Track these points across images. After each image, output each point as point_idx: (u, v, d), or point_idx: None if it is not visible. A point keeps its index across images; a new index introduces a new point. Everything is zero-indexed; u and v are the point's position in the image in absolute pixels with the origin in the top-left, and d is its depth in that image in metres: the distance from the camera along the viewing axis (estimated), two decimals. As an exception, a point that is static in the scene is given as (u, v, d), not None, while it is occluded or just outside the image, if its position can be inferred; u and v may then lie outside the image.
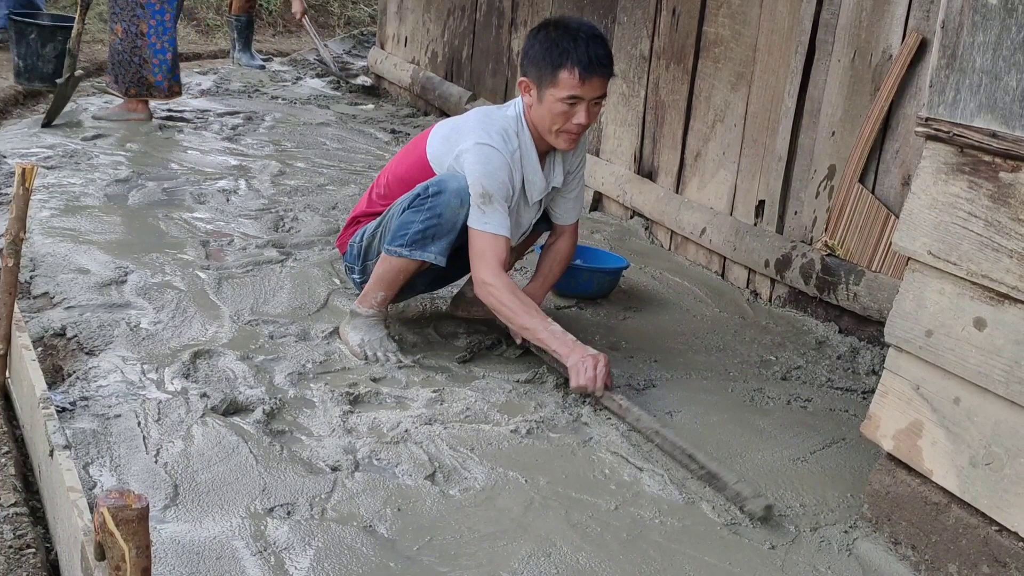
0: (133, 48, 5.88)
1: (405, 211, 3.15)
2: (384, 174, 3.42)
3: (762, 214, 4.13)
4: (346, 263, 3.48)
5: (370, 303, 3.28)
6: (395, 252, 3.16)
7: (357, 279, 3.42)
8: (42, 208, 4.31)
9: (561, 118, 3.12)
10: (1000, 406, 2.16)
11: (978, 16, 2.16)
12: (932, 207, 2.29)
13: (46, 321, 3.25)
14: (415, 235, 3.12)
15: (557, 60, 3.07)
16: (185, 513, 2.32)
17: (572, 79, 3.06)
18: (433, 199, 3.10)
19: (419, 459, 2.62)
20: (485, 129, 3.15)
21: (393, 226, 3.18)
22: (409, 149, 3.40)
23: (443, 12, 7.01)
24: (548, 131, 3.16)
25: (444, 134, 3.27)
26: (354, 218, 3.45)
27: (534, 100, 3.15)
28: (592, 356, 2.97)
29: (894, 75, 3.46)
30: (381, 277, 3.24)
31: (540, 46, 3.11)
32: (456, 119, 3.35)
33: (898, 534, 2.41)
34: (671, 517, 2.47)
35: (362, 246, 3.34)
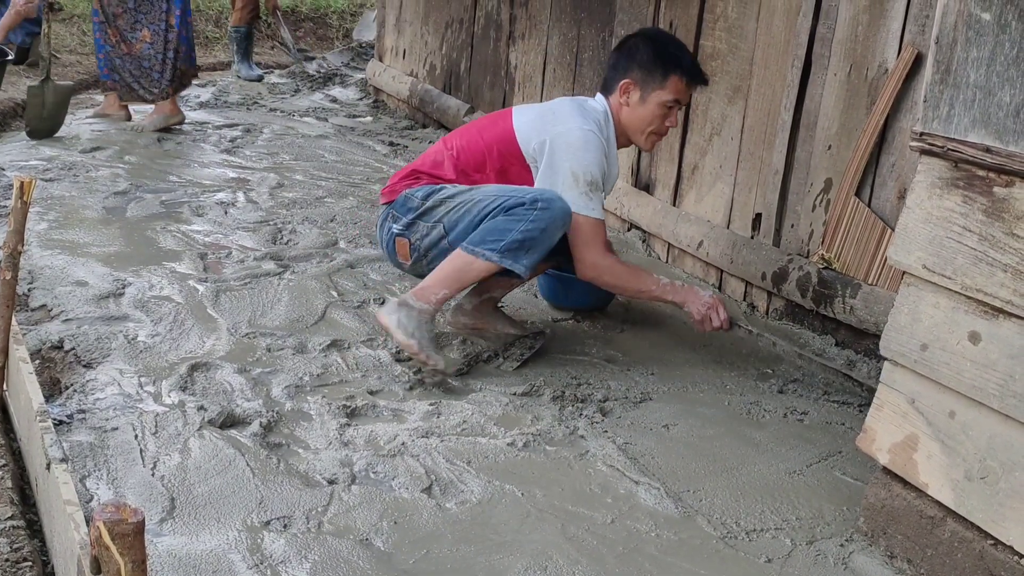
0: (166, 44, 5.99)
1: (500, 215, 3.12)
2: (455, 142, 3.38)
3: (759, 227, 4.13)
4: (391, 210, 3.35)
5: (428, 298, 3.19)
6: (483, 255, 3.13)
7: (395, 229, 3.33)
8: (40, 220, 4.32)
9: (659, 120, 3.38)
10: (995, 420, 2.16)
11: (972, 32, 2.18)
12: (927, 221, 2.30)
13: (44, 333, 3.26)
14: (512, 243, 3.11)
15: (668, 65, 3.32)
16: (181, 526, 2.32)
17: (680, 84, 3.35)
18: (540, 212, 3.10)
19: (416, 472, 2.63)
20: (583, 116, 3.28)
21: (484, 227, 3.14)
22: (486, 124, 3.41)
23: (441, 25, 7.03)
24: (640, 131, 3.38)
25: (536, 113, 3.33)
26: (413, 171, 3.39)
27: (634, 101, 3.34)
28: (707, 303, 3.29)
29: (890, 89, 3.47)
30: (450, 275, 3.17)
31: (650, 51, 3.34)
32: (544, 104, 3.42)
33: (894, 547, 2.41)
34: (667, 530, 2.47)
35: (424, 205, 3.27)
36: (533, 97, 5.84)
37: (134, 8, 5.98)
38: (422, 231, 3.28)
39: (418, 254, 3.33)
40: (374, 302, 3.76)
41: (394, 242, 3.36)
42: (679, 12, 4.55)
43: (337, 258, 4.19)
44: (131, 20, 5.99)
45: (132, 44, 6.03)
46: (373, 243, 4.44)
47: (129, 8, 5.98)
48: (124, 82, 6.15)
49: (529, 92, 5.90)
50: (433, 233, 3.27)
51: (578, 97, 3.51)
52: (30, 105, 5.83)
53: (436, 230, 3.26)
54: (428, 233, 3.27)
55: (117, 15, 5.99)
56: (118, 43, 6.03)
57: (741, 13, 4.19)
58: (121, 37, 6.02)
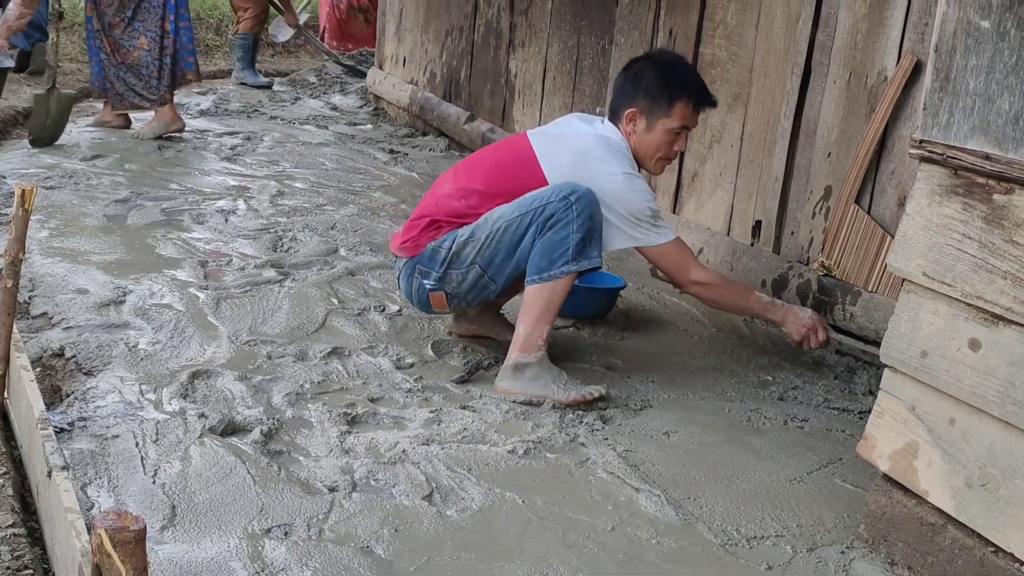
0: (162, 51, 6.04)
1: (544, 231, 3.11)
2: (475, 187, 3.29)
3: (759, 234, 4.14)
4: (418, 264, 3.30)
5: (536, 345, 3.17)
6: (560, 273, 3.13)
7: (428, 285, 3.29)
8: (41, 228, 4.32)
9: (667, 146, 3.36)
10: (995, 427, 2.16)
11: (971, 40, 2.18)
12: (926, 228, 2.30)
13: (45, 341, 3.26)
14: (577, 246, 3.12)
15: (674, 92, 3.30)
16: (182, 534, 2.32)
17: (687, 110, 3.33)
18: (577, 204, 3.10)
19: (416, 479, 2.63)
20: (617, 158, 3.29)
21: (539, 251, 3.12)
22: (508, 166, 3.32)
23: (441, 33, 7.05)
24: (650, 158, 3.38)
25: (568, 160, 3.25)
26: (432, 221, 3.30)
27: (640, 129, 3.33)
28: (809, 324, 3.33)
29: (889, 96, 3.48)
30: (544, 311, 3.16)
31: (655, 78, 3.31)
32: (568, 140, 3.33)
33: (894, 555, 2.41)
34: (668, 537, 2.47)
35: (451, 251, 3.23)
36: (533, 105, 5.85)
37: (132, 17, 6.00)
38: (456, 279, 3.26)
39: (458, 300, 3.32)
40: (374, 309, 3.76)
41: (428, 297, 3.32)
42: (679, 20, 4.56)
43: (338, 266, 4.19)
44: (128, 29, 6.01)
45: (129, 52, 6.05)
46: (373, 250, 4.44)
47: (127, 17, 6.00)
48: (116, 91, 6.16)
49: (529, 100, 5.91)
50: (470, 275, 3.24)
51: (593, 122, 3.43)
52: (35, 114, 5.84)
53: (472, 272, 3.23)
54: (464, 278, 3.25)
55: (114, 25, 6.00)
56: (112, 52, 6.05)
57: (741, 21, 4.20)
58: (116, 46, 6.04)
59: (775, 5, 4.03)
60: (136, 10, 6.00)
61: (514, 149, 3.40)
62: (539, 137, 3.39)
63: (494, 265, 3.22)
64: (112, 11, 5.99)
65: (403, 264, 3.35)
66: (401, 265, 3.37)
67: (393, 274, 4.10)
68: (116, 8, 5.98)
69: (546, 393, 3.12)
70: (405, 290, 3.40)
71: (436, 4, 7.10)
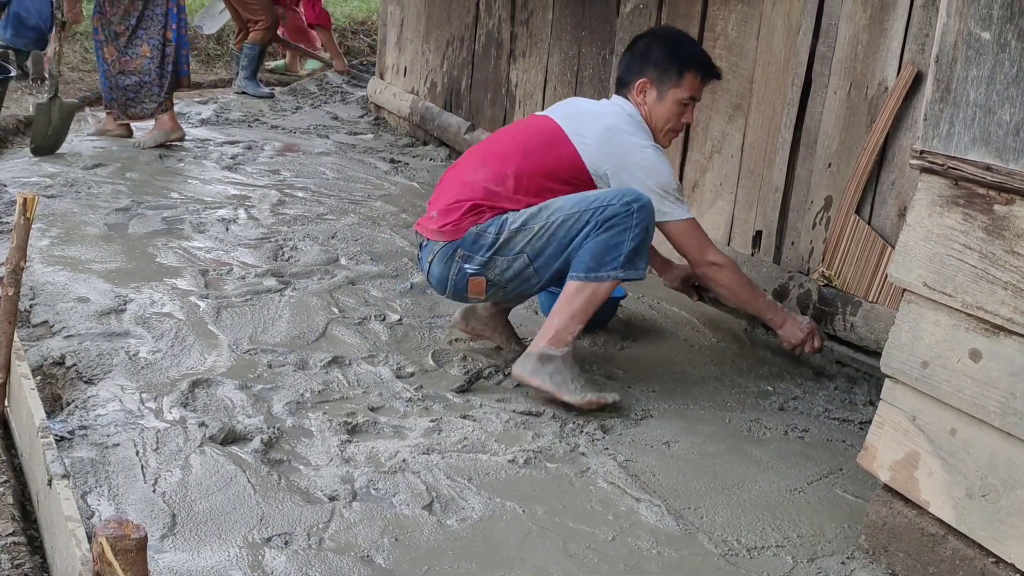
0: (163, 59, 6.13)
1: (600, 232, 3.11)
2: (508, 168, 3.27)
3: (759, 244, 4.14)
4: (459, 249, 3.24)
5: (565, 340, 3.17)
6: (607, 276, 3.13)
7: (470, 269, 3.25)
8: (42, 237, 4.33)
9: (676, 117, 3.43)
10: (996, 437, 2.16)
11: (971, 51, 2.19)
12: (927, 239, 2.30)
13: (45, 350, 3.26)
14: (629, 254, 3.13)
15: (684, 63, 3.37)
16: (183, 543, 2.32)
17: (695, 81, 3.40)
18: (638, 214, 3.12)
19: (417, 489, 2.63)
20: (643, 132, 3.35)
21: (591, 249, 3.12)
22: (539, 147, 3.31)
23: (442, 43, 7.06)
24: (660, 129, 3.42)
25: (598, 134, 3.29)
26: (474, 205, 3.24)
27: (651, 100, 3.39)
28: (807, 330, 3.45)
29: (890, 107, 3.48)
30: (581, 308, 3.16)
31: (663, 49, 3.39)
32: (595, 116, 3.37)
33: (895, 565, 2.41)
34: (668, 547, 2.47)
35: (500, 237, 3.19)
36: (534, 115, 5.86)
37: (136, 25, 6.04)
38: (501, 265, 3.23)
39: (497, 287, 3.30)
40: (375, 318, 3.76)
41: (467, 282, 3.28)
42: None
43: (338, 275, 4.20)
44: (132, 37, 6.05)
45: (132, 60, 6.08)
46: (374, 260, 4.45)
47: (131, 25, 6.04)
48: (120, 101, 6.20)
49: (530, 110, 5.91)
50: (516, 264, 3.22)
51: (613, 102, 3.46)
52: (36, 122, 5.85)
53: (519, 261, 3.21)
54: (509, 266, 3.23)
55: (119, 33, 6.05)
56: (114, 61, 6.09)
57: (741, 31, 4.21)
58: (120, 54, 6.07)
59: (776, 16, 4.04)
60: (140, 18, 6.04)
61: (539, 129, 3.39)
62: (560, 116, 3.40)
63: (543, 257, 3.20)
64: (117, 19, 6.03)
65: (439, 248, 3.28)
66: (437, 249, 3.29)
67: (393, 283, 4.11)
68: (121, 16, 6.02)
69: (561, 392, 3.12)
70: (438, 274, 3.32)
71: (437, 14, 7.11)
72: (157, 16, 6.07)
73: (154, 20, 6.07)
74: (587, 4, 5.33)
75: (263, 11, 8.57)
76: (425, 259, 3.37)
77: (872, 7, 3.58)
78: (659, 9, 4.70)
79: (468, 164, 3.41)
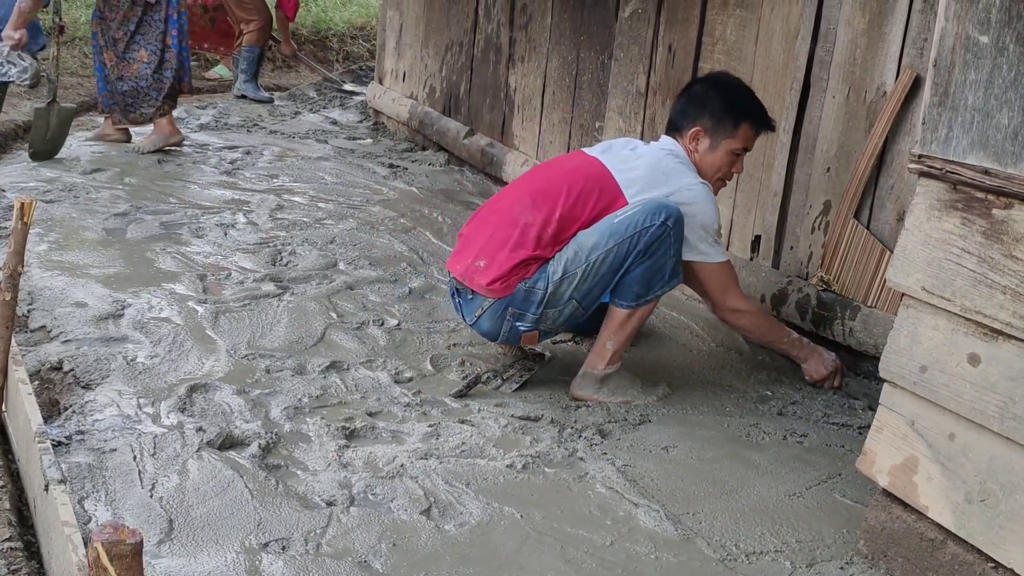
0: (161, 64, 6.16)
1: (643, 260, 3.15)
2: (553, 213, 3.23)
3: (758, 249, 4.14)
4: (509, 307, 3.24)
5: (619, 357, 3.31)
6: (657, 295, 3.25)
7: (523, 328, 3.27)
8: (40, 242, 4.32)
9: (727, 166, 3.45)
10: (995, 442, 2.16)
11: (970, 55, 2.19)
12: (926, 243, 2.30)
13: (43, 355, 3.26)
14: (673, 269, 3.22)
15: (740, 115, 3.39)
16: (180, 548, 2.32)
17: (750, 133, 3.43)
18: (675, 228, 3.17)
19: (414, 494, 2.62)
20: (691, 170, 3.36)
21: (639, 277, 3.18)
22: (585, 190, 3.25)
23: (441, 48, 7.06)
24: (709, 177, 3.42)
25: (644, 174, 3.28)
26: (524, 260, 3.21)
27: (703, 148, 3.40)
28: (832, 365, 3.51)
29: (888, 111, 3.48)
30: (635, 329, 3.31)
31: (720, 99, 3.39)
32: (641, 155, 3.39)
33: (894, 570, 2.40)
34: (667, 552, 2.46)
35: (547, 293, 3.20)
36: (532, 119, 5.86)
37: (134, 31, 6.05)
38: (553, 316, 3.27)
39: (550, 333, 3.38)
40: (373, 323, 3.76)
41: (520, 336, 3.31)
42: (678, 35, 4.57)
43: (336, 280, 4.19)
44: (130, 43, 6.07)
45: (129, 64, 6.10)
46: (372, 265, 4.44)
47: (130, 31, 6.05)
48: (120, 106, 6.21)
49: (528, 114, 5.92)
50: (567, 310, 3.26)
51: (662, 144, 3.44)
52: (35, 127, 5.86)
53: (569, 307, 3.25)
54: (561, 313, 3.27)
55: (118, 39, 6.07)
56: (113, 66, 6.10)
57: (740, 36, 4.21)
58: (118, 59, 6.08)
59: (774, 20, 4.04)
60: (139, 24, 6.05)
61: (584, 170, 3.33)
62: (606, 155, 3.39)
63: (591, 296, 3.26)
64: (116, 25, 6.04)
65: (489, 305, 3.26)
66: (486, 306, 3.26)
67: (391, 288, 4.10)
68: (120, 22, 6.04)
69: (630, 396, 3.30)
70: (489, 329, 3.31)
71: (436, 19, 7.12)
72: (156, 22, 6.09)
73: (152, 26, 6.09)
74: (586, 9, 5.33)
75: (256, 11, 8.57)
76: (471, 311, 3.34)
77: (871, 11, 3.58)
78: (658, 14, 4.70)
79: (517, 200, 3.33)
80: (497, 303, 3.25)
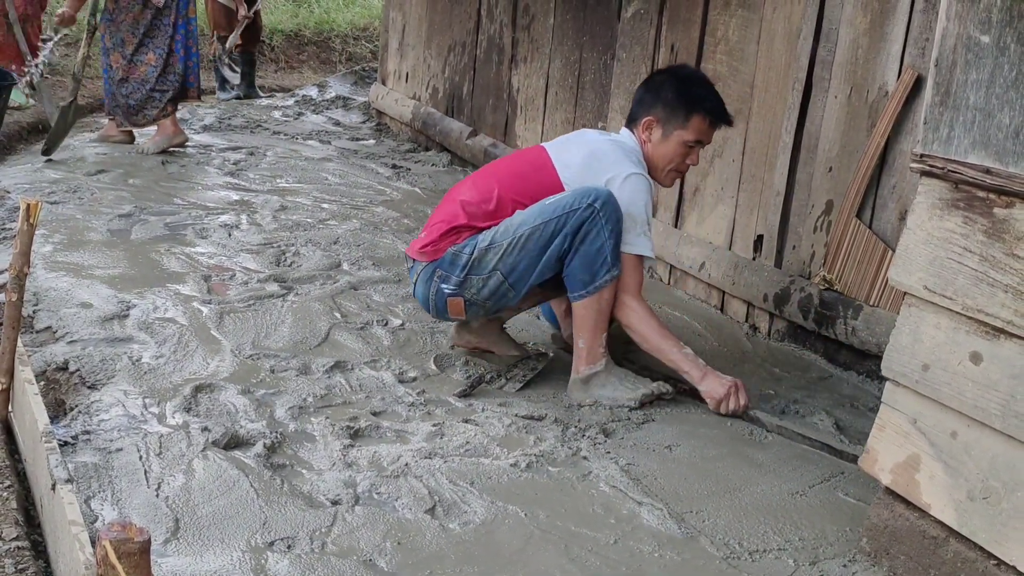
0: (167, 67, 6.24)
1: (578, 245, 3.16)
2: (495, 191, 3.32)
3: (760, 248, 4.15)
4: (437, 268, 3.31)
5: (598, 355, 3.28)
6: (605, 281, 3.21)
7: (447, 289, 3.31)
8: (45, 243, 4.34)
9: (679, 158, 3.42)
10: (997, 440, 2.17)
11: (971, 54, 2.19)
12: (927, 242, 2.31)
13: (49, 355, 3.27)
14: (613, 252, 3.20)
15: (692, 105, 3.35)
16: (186, 547, 2.33)
17: (703, 125, 3.38)
18: (604, 211, 3.16)
19: (419, 493, 2.63)
20: (630, 159, 3.33)
21: (579, 265, 3.19)
22: (525, 172, 3.38)
23: (444, 49, 7.07)
24: (661, 168, 3.41)
25: (580, 162, 3.33)
26: (453, 227, 3.32)
27: (656, 138, 3.38)
28: (729, 383, 3.25)
29: (890, 111, 3.49)
30: (597, 322, 3.25)
31: (674, 90, 3.37)
32: (581, 144, 3.41)
33: (897, 568, 2.41)
34: (670, 551, 2.47)
35: (472, 257, 3.25)
36: (535, 120, 5.87)
37: (144, 33, 6.11)
38: (476, 285, 3.28)
39: (476, 307, 3.35)
40: (377, 323, 3.77)
41: (446, 302, 3.34)
42: (680, 35, 4.58)
43: (340, 280, 4.20)
44: (138, 45, 6.12)
45: (136, 67, 6.15)
46: (376, 265, 4.45)
47: (139, 33, 6.11)
48: (123, 108, 6.25)
49: (531, 115, 5.93)
50: (491, 282, 3.27)
51: (607, 133, 3.51)
52: (56, 125, 6.01)
53: (493, 278, 3.26)
54: (484, 284, 3.27)
55: (126, 41, 6.14)
56: (119, 68, 6.16)
57: (742, 36, 4.22)
58: (125, 61, 6.13)
59: (776, 21, 4.05)
60: (148, 28, 6.11)
61: (529, 159, 3.46)
62: (553, 145, 3.46)
63: (516, 272, 3.24)
64: (126, 27, 6.11)
65: (421, 268, 3.36)
66: (419, 269, 3.37)
67: (395, 288, 4.12)
68: (130, 24, 6.10)
69: (615, 396, 3.24)
70: (422, 295, 3.40)
71: (438, 20, 7.13)
72: (164, 27, 6.18)
73: (161, 30, 6.19)
74: (588, 9, 5.34)
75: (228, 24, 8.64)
76: (412, 279, 3.45)
77: (872, 11, 3.59)
78: (660, 14, 4.71)
79: (461, 186, 3.47)
80: (427, 266, 3.34)
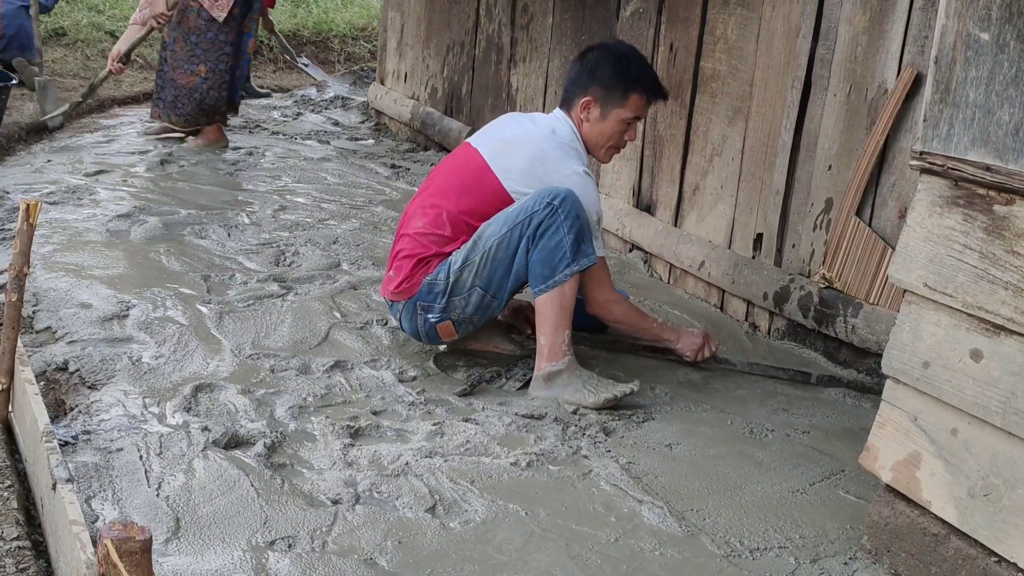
0: (221, 82, 6.39)
1: (537, 243, 3.17)
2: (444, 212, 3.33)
3: (760, 247, 4.15)
4: (417, 302, 3.34)
5: (561, 351, 3.25)
6: (565, 276, 3.19)
7: (433, 319, 3.33)
8: (45, 243, 4.33)
9: (618, 135, 3.44)
10: (997, 437, 2.17)
11: (971, 52, 2.20)
12: (927, 240, 2.31)
13: (49, 356, 3.27)
14: (573, 247, 3.18)
15: (630, 83, 3.37)
16: (187, 546, 2.33)
17: (641, 102, 3.42)
18: (562, 207, 3.17)
19: (419, 492, 2.63)
20: (572, 156, 3.35)
21: (537, 261, 3.19)
22: (468, 184, 3.36)
23: (443, 48, 7.07)
24: (600, 147, 3.44)
25: (523, 167, 3.32)
26: (421, 258, 3.34)
27: (594, 118, 3.39)
28: (701, 332, 3.55)
29: (890, 109, 3.49)
30: (559, 317, 3.23)
31: (611, 68, 3.37)
32: (517, 145, 3.38)
33: (897, 565, 2.41)
34: (671, 549, 2.47)
35: (449, 282, 3.27)
36: (534, 119, 5.86)
37: (195, 43, 6.26)
38: (460, 305, 3.30)
39: (465, 324, 3.36)
40: (377, 323, 3.77)
41: (435, 329, 3.36)
42: (679, 34, 4.58)
43: (340, 279, 4.20)
44: (189, 53, 6.28)
45: (186, 74, 6.32)
46: (376, 265, 4.45)
47: (191, 42, 6.25)
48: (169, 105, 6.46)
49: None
50: (472, 299, 3.28)
51: (538, 116, 3.53)
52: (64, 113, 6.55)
53: (474, 295, 3.28)
54: (467, 302, 3.29)
55: (176, 39, 6.28)
56: (172, 68, 6.35)
57: (741, 35, 4.22)
58: (176, 64, 6.31)
59: (775, 19, 4.05)
60: (200, 40, 6.25)
61: (466, 167, 3.42)
62: (486, 145, 3.43)
63: (494, 283, 3.26)
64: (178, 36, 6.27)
65: (402, 307, 3.39)
66: (400, 308, 3.40)
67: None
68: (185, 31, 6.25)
69: (576, 399, 3.21)
70: (410, 329, 3.43)
71: (437, 20, 7.13)
72: (220, 43, 6.29)
73: (216, 46, 6.29)
74: (587, 8, 5.34)
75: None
76: (395, 317, 3.49)
77: (871, 9, 3.59)
78: (659, 13, 4.71)
79: (412, 215, 3.45)
80: (408, 303, 3.37)
